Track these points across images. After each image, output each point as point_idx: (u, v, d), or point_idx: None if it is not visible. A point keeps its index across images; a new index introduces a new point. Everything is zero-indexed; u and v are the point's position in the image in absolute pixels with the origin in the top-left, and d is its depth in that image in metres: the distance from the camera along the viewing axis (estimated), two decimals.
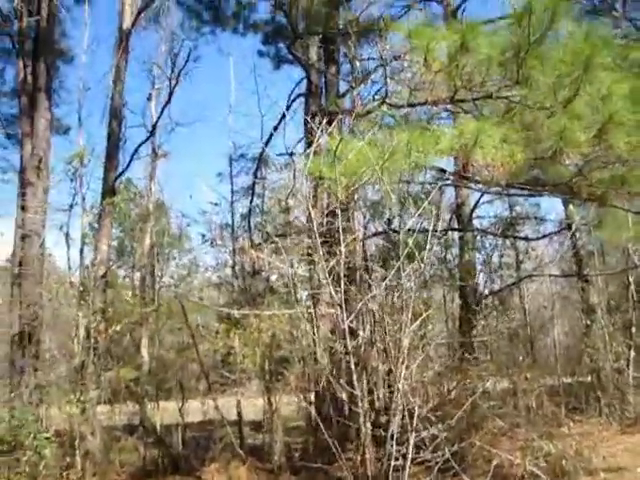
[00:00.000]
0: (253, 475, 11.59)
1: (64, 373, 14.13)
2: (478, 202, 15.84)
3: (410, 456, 3.71)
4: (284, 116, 14.04)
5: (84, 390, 12.20)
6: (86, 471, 11.94)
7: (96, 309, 12.92)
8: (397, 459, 3.67)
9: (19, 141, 15.79)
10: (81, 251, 14.59)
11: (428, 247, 8.15)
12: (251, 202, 14.99)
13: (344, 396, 3.57)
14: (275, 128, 14.65)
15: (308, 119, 9.38)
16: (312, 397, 11.05)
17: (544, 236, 17.54)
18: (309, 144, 9.46)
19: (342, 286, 3.83)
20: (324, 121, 7.52)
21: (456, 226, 15.98)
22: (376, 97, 11.89)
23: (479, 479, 8.78)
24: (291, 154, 13.58)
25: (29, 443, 11.38)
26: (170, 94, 16.13)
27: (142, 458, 12.94)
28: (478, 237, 16.04)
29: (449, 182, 13.99)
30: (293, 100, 15.45)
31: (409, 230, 13.89)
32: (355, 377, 3.66)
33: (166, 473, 12.18)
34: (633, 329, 18.01)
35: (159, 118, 17.24)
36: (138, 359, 14.35)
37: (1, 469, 11.54)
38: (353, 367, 3.65)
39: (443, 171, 12.41)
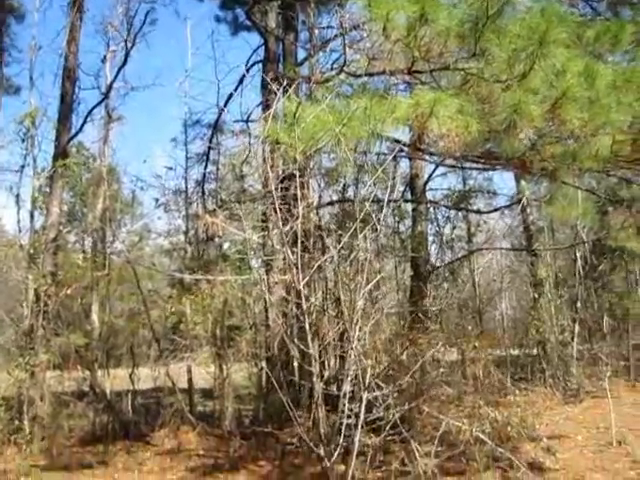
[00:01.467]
0: (203, 440, 11.65)
1: (12, 337, 13.95)
2: (432, 174, 15.98)
3: (362, 415, 3.78)
4: (241, 82, 13.87)
5: (33, 354, 12.07)
6: (34, 435, 11.84)
7: (46, 272, 12.75)
8: (349, 417, 3.74)
9: None
10: (31, 214, 14.36)
11: (382, 216, 8.20)
12: (205, 168, 14.84)
13: (296, 358, 3.59)
14: (231, 94, 14.48)
15: (267, 83, 9.32)
16: (263, 363, 11.10)
17: (495, 210, 17.80)
18: (266, 111, 9.40)
19: (299, 248, 3.86)
20: (282, 87, 7.48)
21: (409, 197, 16.10)
22: (334, 66, 11.87)
23: (427, 445, 8.99)
24: (247, 121, 13.47)
25: None
26: (126, 56, 15.77)
27: (92, 423, 12.87)
28: (431, 209, 16.18)
29: (404, 154, 14.08)
30: (250, 67, 15.24)
31: (363, 199, 14.00)
32: (309, 337, 3.69)
33: (116, 438, 12.15)
34: (579, 303, 18.52)
35: (114, 80, 16.83)
36: (88, 325, 14.19)
37: None
38: (307, 327, 3.68)
39: (399, 142, 12.48)
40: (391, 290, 16.09)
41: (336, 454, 3.61)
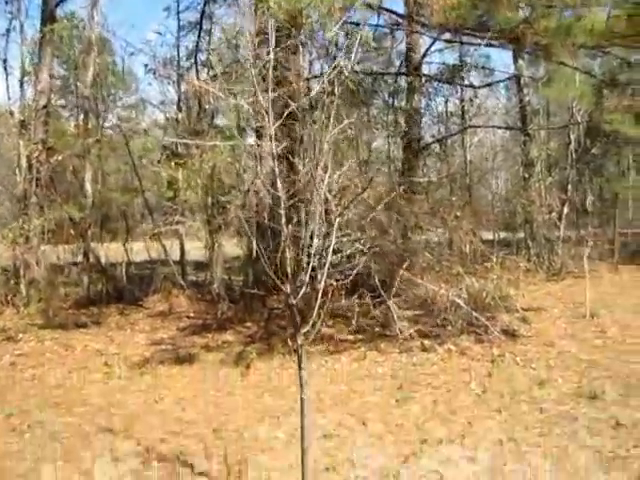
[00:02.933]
0: (193, 304, 12.05)
1: (9, 207, 14.17)
2: (429, 49, 15.57)
3: (330, 256, 3.95)
4: None
5: (27, 219, 12.26)
6: (31, 298, 12.24)
7: (37, 140, 12.77)
8: (317, 257, 3.90)
9: None
10: (21, 82, 14.19)
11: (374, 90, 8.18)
12: (198, 37, 14.52)
13: (282, 223, 3.69)
14: None
15: None
16: (252, 230, 11.26)
17: (490, 84, 17.56)
18: None
19: (270, 115, 3.84)
20: None
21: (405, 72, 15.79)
22: None
23: (407, 310, 9.37)
24: None
25: None
26: None
27: (86, 289, 13.23)
28: (426, 84, 15.89)
29: (400, 27, 13.81)
30: None
31: (357, 72, 13.81)
32: (278, 180, 3.77)
33: (109, 302, 12.54)
34: (569, 186, 18.68)
35: None
36: (82, 196, 14.30)
37: None
38: (276, 170, 3.73)
39: (395, 13, 12.25)
40: (382, 165, 16.16)
41: (301, 292, 3.82)
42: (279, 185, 3.81)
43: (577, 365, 7.83)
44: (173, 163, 11.18)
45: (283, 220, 3.82)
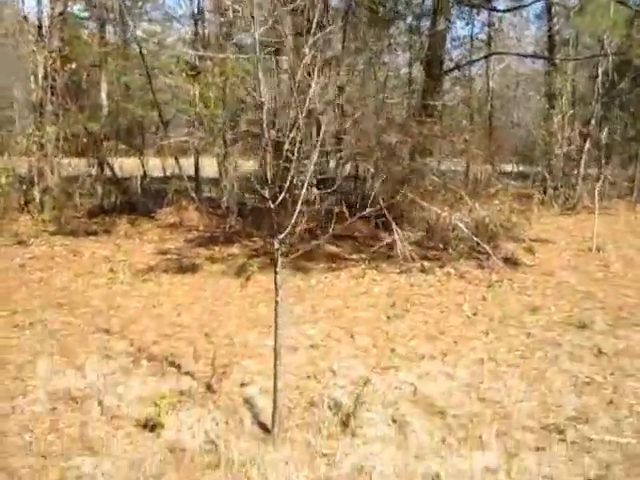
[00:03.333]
0: (204, 218, 12.16)
1: (25, 113, 14.15)
2: None
3: (312, 166, 3.95)
4: None
5: (42, 127, 12.30)
6: (45, 205, 12.39)
7: (53, 47, 12.67)
8: (295, 163, 3.87)
9: None
10: None
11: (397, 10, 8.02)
12: None
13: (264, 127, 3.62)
14: None
15: None
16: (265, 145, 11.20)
17: (515, 8, 17.01)
18: None
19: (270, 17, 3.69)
20: None
21: None
22: None
23: (410, 231, 9.39)
24: None
25: None
26: None
27: (100, 199, 13.38)
28: (452, 7, 15.38)
29: None
30: None
31: None
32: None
33: (122, 213, 12.68)
34: (592, 121, 18.26)
35: None
36: (98, 109, 14.24)
37: None
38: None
39: None
40: (400, 87, 15.90)
41: (280, 198, 3.85)
42: (262, 89, 3.79)
43: (572, 295, 7.88)
44: (185, 74, 11.09)
45: (264, 125, 3.81)
